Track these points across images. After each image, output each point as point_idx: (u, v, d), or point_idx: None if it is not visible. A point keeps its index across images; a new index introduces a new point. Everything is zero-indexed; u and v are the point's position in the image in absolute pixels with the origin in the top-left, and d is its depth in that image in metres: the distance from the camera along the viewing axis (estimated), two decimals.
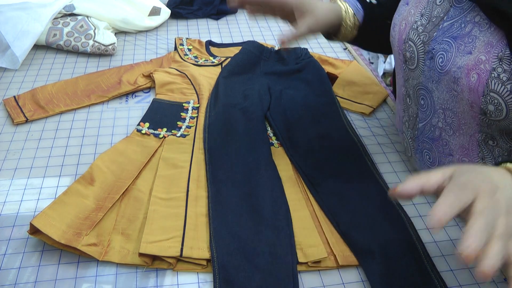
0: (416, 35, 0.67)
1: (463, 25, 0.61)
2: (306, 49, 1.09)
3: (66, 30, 1.13)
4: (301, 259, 0.64)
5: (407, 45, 0.69)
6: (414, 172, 0.82)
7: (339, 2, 0.79)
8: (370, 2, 0.82)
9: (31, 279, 0.62)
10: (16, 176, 0.78)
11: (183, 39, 1.15)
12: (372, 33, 0.82)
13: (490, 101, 0.56)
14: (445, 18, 0.64)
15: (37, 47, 1.14)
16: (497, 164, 0.51)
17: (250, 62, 1.03)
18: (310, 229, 0.68)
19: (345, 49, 1.20)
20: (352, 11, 0.79)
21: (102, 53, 1.12)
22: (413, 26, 0.68)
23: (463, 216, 0.43)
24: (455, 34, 0.62)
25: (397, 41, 0.71)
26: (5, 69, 1.07)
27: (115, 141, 0.85)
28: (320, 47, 1.20)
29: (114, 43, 1.13)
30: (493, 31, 0.57)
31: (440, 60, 0.63)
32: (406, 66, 0.71)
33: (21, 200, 0.74)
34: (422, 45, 0.66)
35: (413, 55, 0.68)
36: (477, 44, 0.58)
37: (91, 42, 1.12)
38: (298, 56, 1.06)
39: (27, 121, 0.90)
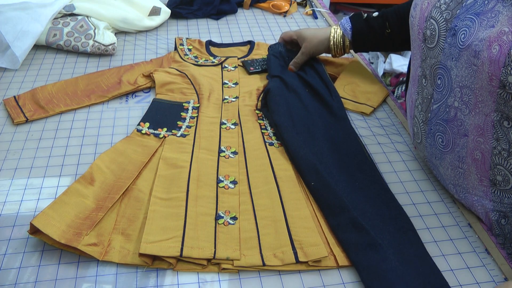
0: (439, 13, 0.68)
1: (486, 2, 0.62)
2: None
3: (66, 30, 1.13)
4: (301, 258, 0.64)
5: (428, 23, 0.70)
6: (414, 172, 0.82)
7: (332, 28, 0.99)
8: (367, 17, 0.96)
9: (31, 279, 0.62)
10: (16, 176, 0.78)
11: (183, 39, 1.15)
12: (369, 42, 0.98)
13: (511, 72, 0.57)
14: None
15: (37, 47, 1.14)
16: None
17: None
18: (311, 229, 0.68)
19: None
20: (340, 32, 0.98)
21: (102, 53, 1.12)
22: (436, 5, 0.69)
23: None
24: (478, 10, 0.63)
25: (418, 20, 0.73)
26: (5, 69, 1.07)
27: (115, 141, 0.85)
28: None
29: (114, 43, 1.13)
30: None
31: (462, 36, 0.64)
32: (425, 45, 0.72)
33: (21, 200, 0.74)
34: (444, 22, 0.67)
35: (433, 33, 0.69)
36: (500, 18, 0.60)
37: (91, 42, 1.12)
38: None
39: (27, 121, 0.90)
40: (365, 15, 0.96)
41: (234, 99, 0.95)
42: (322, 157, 0.80)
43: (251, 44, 1.16)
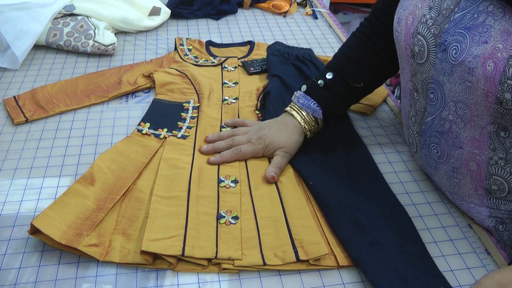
0: (426, 28, 0.66)
1: (475, 15, 0.61)
2: (311, 50, 1.10)
3: (66, 30, 1.13)
4: (302, 256, 0.64)
5: (415, 39, 0.68)
6: (414, 172, 0.82)
7: (295, 114, 0.82)
8: (326, 81, 0.83)
9: (31, 279, 0.62)
10: (16, 176, 0.78)
11: (183, 39, 1.15)
12: (341, 104, 0.86)
13: (507, 89, 0.56)
14: (456, 10, 0.63)
15: (37, 47, 1.14)
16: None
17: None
18: (311, 227, 0.68)
19: None
20: (311, 115, 0.82)
21: (102, 53, 1.12)
22: (422, 20, 0.67)
23: None
24: (468, 25, 0.61)
25: (404, 36, 0.70)
26: (5, 69, 1.07)
27: (115, 141, 0.85)
28: (320, 47, 1.20)
29: (114, 43, 1.13)
30: (508, 18, 0.57)
31: (454, 51, 0.62)
32: (414, 61, 0.70)
33: (21, 200, 0.74)
34: (433, 38, 0.65)
35: (422, 49, 0.67)
36: (492, 33, 0.58)
37: (91, 42, 1.12)
38: (300, 57, 1.07)
39: (27, 121, 0.90)
40: (319, 81, 0.83)
41: (233, 101, 0.95)
42: (322, 157, 0.80)
43: (251, 44, 1.16)
